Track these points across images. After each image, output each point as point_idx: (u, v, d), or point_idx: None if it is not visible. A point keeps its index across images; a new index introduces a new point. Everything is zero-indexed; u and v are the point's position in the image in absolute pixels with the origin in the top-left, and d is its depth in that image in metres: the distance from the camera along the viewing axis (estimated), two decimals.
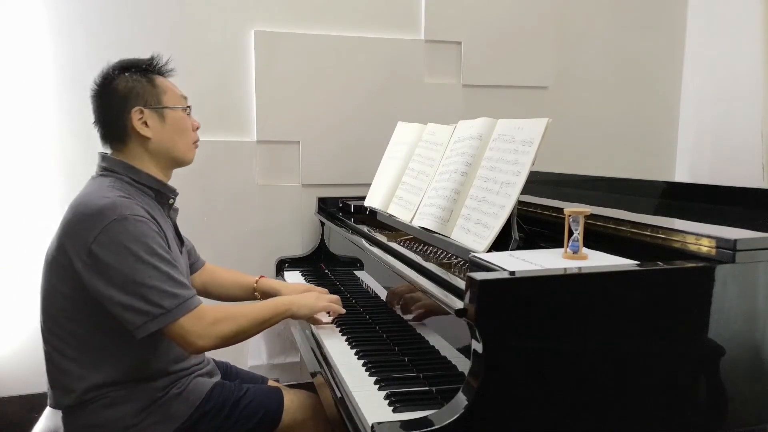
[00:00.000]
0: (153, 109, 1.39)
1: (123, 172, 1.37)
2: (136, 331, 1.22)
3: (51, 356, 1.32)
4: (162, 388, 1.35)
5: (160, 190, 1.42)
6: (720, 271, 1.01)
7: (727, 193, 1.65)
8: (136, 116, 1.37)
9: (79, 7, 2.18)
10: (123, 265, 1.21)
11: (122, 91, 1.38)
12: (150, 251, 1.24)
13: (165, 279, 1.24)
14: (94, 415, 1.30)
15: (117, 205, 1.25)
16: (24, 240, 2.21)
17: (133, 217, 1.25)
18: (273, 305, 1.44)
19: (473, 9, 2.59)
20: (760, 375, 1.07)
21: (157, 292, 1.22)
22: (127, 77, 1.39)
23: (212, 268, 1.78)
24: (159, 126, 1.40)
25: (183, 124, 1.44)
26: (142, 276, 1.22)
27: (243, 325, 1.34)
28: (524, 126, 1.33)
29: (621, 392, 1.00)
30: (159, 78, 1.44)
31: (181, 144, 1.44)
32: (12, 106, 2.17)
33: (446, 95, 2.60)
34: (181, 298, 1.24)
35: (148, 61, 1.45)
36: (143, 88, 1.39)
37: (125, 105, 1.37)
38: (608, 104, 2.87)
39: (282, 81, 2.38)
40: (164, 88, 1.42)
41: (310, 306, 1.51)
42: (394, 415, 1.06)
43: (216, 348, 1.33)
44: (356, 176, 2.44)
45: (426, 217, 1.51)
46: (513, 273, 0.97)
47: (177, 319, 1.23)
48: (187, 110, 1.47)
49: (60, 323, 1.30)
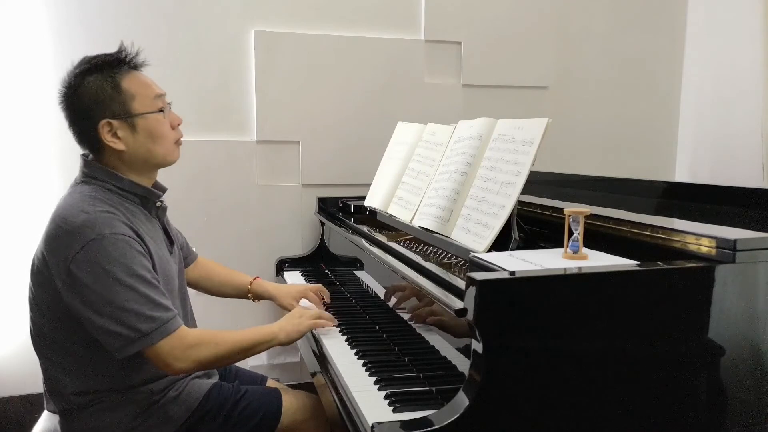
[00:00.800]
0: (122, 120, 1.28)
1: (105, 179, 1.30)
2: (115, 353, 1.20)
3: (44, 365, 1.32)
4: (159, 391, 1.34)
5: (145, 196, 1.36)
6: (720, 271, 1.01)
7: (727, 193, 1.65)
8: (105, 129, 1.27)
9: (79, 7, 2.18)
10: (100, 287, 1.17)
11: (87, 103, 1.27)
12: (129, 272, 1.19)
13: (144, 302, 1.19)
14: (90, 420, 1.29)
15: (97, 222, 1.20)
16: (24, 240, 2.21)
17: (113, 236, 1.19)
18: (258, 334, 1.36)
19: (473, 9, 2.59)
20: (760, 375, 1.07)
21: (134, 316, 1.18)
22: (90, 83, 1.27)
23: (207, 262, 1.76)
24: (131, 137, 1.30)
25: (158, 130, 1.33)
26: (120, 299, 1.18)
27: (222, 351, 1.28)
28: (524, 126, 1.33)
29: (621, 392, 1.00)
30: (126, 80, 1.30)
31: (159, 149, 1.34)
32: (12, 106, 2.18)
33: (446, 95, 2.60)
34: (159, 321, 1.20)
35: (114, 56, 1.31)
36: (108, 95, 1.27)
37: (92, 117, 1.27)
38: (608, 104, 2.87)
39: (282, 81, 2.38)
40: (132, 92, 1.29)
41: (297, 332, 1.43)
42: (394, 415, 1.06)
43: (195, 372, 1.31)
44: (356, 176, 2.44)
45: (426, 217, 1.51)
46: (513, 273, 0.97)
47: (155, 343, 1.20)
48: (165, 109, 1.35)
49: (46, 332, 1.29)
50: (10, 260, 2.23)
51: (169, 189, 1.46)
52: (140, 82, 1.33)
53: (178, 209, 2.18)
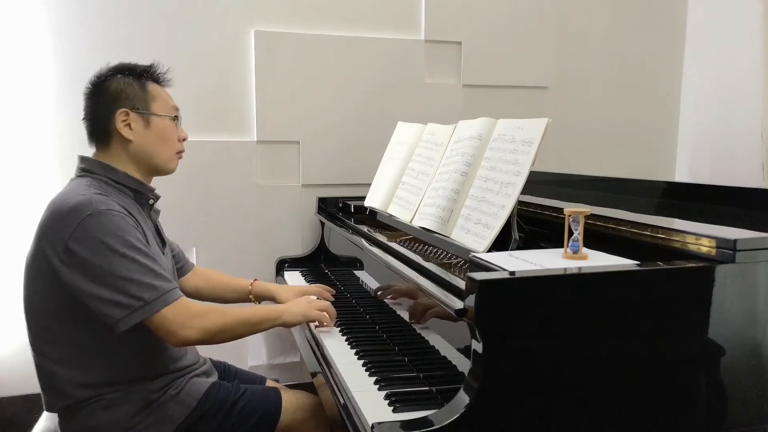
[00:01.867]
0: (139, 113, 1.38)
1: (101, 172, 1.36)
2: (117, 324, 1.21)
3: (40, 362, 1.32)
4: (158, 390, 1.34)
5: (138, 190, 1.40)
6: (720, 271, 1.01)
7: (727, 193, 1.65)
8: (120, 118, 1.36)
9: (79, 7, 2.18)
10: (100, 260, 1.20)
11: (112, 92, 1.38)
12: (127, 244, 1.23)
13: (144, 271, 1.23)
14: (89, 418, 1.29)
15: (92, 201, 1.24)
16: (23, 240, 2.21)
17: (109, 211, 1.23)
18: (264, 310, 1.43)
19: (473, 9, 2.59)
20: (760, 375, 1.07)
21: (136, 285, 1.21)
22: (119, 79, 1.39)
23: (204, 270, 1.78)
24: (142, 131, 1.39)
25: (167, 133, 1.43)
26: (120, 269, 1.21)
27: (228, 322, 1.32)
28: (524, 126, 1.33)
29: (621, 392, 1.00)
30: (152, 85, 1.43)
31: (163, 152, 1.42)
32: (12, 106, 2.17)
33: (446, 95, 2.60)
34: (161, 290, 1.23)
35: (146, 67, 1.45)
36: (134, 91, 1.39)
37: (113, 105, 1.37)
38: (608, 104, 2.87)
39: (282, 81, 2.38)
40: (155, 95, 1.42)
41: (302, 314, 1.48)
42: (394, 415, 1.06)
43: (201, 341, 1.30)
44: (356, 176, 2.44)
45: (426, 217, 1.51)
46: (513, 273, 0.97)
47: (158, 310, 1.22)
48: (176, 121, 1.46)
49: (44, 326, 1.30)
50: (9, 260, 2.22)
51: (169, 189, 1.47)
52: (162, 91, 1.46)
53: (178, 209, 2.20)
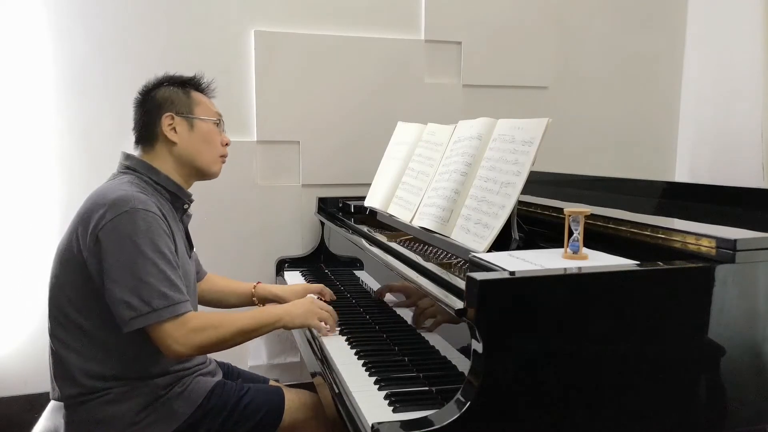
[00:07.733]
0: (183, 117, 1.46)
1: (143, 172, 1.42)
2: (123, 325, 1.24)
3: (56, 348, 1.34)
4: (164, 386, 1.36)
5: (176, 193, 1.45)
6: (720, 271, 1.01)
7: (727, 193, 1.65)
8: (166, 121, 1.43)
9: (79, 7, 2.18)
10: (125, 257, 1.23)
11: (159, 99, 1.46)
12: (153, 248, 1.25)
13: (162, 278, 1.25)
14: (95, 411, 1.31)
15: (132, 198, 1.28)
16: (23, 240, 2.21)
17: (145, 212, 1.27)
18: (263, 316, 1.42)
19: (473, 9, 2.59)
20: (760, 375, 1.07)
21: (149, 289, 1.23)
22: (165, 87, 1.48)
23: (210, 276, 1.79)
24: (187, 133, 1.46)
25: (211, 136, 1.50)
26: (140, 270, 1.23)
27: (225, 335, 1.32)
28: (524, 126, 1.32)
29: (621, 392, 1.00)
30: (195, 93, 1.51)
31: (207, 154, 1.49)
32: (12, 106, 2.17)
33: (446, 95, 2.60)
34: (171, 300, 1.24)
35: (190, 78, 1.54)
36: (178, 97, 1.47)
37: (159, 111, 1.44)
38: (608, 104, 2.87)
39: (282, 81, 2.38)
40: (198, 101, 1.50)
41: (302, 322, 1.48)
42: (394, 415, 1.06)
43: (193, 356, 1.32)
44: (356, 176, 2.44)
45: (426, 217, 1.51)
46: (513, 273, 0.97)
47: (161, 320, 1.24)
48: (219, 125, 1.53)
49: (66, 314, 1.32)
50: (9, 260, 2.23)
51: None
52: (205, 98, 1.54)
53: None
